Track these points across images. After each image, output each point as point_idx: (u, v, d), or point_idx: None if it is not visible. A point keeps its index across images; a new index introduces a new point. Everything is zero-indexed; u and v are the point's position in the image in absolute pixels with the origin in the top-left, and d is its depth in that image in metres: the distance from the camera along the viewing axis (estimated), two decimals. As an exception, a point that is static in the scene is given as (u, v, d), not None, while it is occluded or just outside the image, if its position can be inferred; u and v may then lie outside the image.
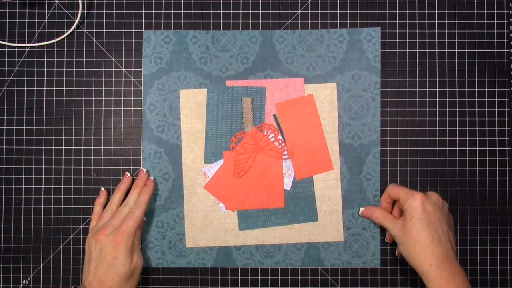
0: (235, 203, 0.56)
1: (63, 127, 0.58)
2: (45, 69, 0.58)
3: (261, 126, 0.56)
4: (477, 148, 0.57)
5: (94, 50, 0.58)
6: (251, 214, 0.56)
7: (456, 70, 0.58)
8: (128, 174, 0.56)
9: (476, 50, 0.58)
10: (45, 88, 0.58)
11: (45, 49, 0.58)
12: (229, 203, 0.56)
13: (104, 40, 0.58)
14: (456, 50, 0.58)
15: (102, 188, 0.56)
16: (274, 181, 0.56)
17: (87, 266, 0.51)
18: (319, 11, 0.58)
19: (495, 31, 0.58)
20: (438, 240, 0.48)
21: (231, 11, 0.58)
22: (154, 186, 0.55)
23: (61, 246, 0.57)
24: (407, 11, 0.58)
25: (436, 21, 0.58)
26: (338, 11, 0.58)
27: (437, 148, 0.57)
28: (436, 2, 0.58)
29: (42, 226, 0.57)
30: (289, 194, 0.56)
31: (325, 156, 0.56)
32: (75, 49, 0.58)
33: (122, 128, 0.58)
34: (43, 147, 0.57)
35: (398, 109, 0.58)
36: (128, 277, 0.50)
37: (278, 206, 0.56)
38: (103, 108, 0.58)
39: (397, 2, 0.58)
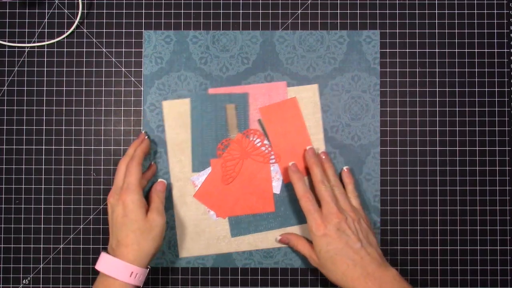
0: (225, 210, 0.56)
1: (63, 127, 0.58)
2: (45, 69, 0.58)
3: (247, 131, 0.56)
4: (477, 148, 0.58)
5: (94, 50, 0.58)
6: (243, 220, 0.56)
7: (456, 70, 0.58)
8: (143, 132, 0.56)
9: (476, 50, 0.58)
10: (45, 88, 0.58)
11: (45, 49, 0.58)
12: (219, 210, 0.56)
13: (104, 40, 0.58)
14: (456, 50, 0.58)
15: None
16: (263, 185, 0.56)
17: (109, 231, 0.51)
18: (319, 11, 0.58)
19: (495, 31, 0.58)
20: (352, 264, 0.48)
21: (231, 11, 0.58)
22: (149, 143, 0.55)
23: (61, 246, 0.57)
24: (407, 11, 0.58)
25: (436, 21, 0.58)
26: (338, 11, 0.58)
27: (437, 148, 0.58)
28: (436, 2, 0.58)
29: (42, 226, 0.57)
30: (279, 198, 0.56)
31: None
32: (75, 49, 0.58)
33: (122, 128, 0.58)
34: (43, 147, 0.57)
35: (398, 109, 0.58)
36: (145, 234, 0.49)
37: (269, 211, 0.56)
38: (103, 108, 0.58)
39: (397, 2, 0.58)
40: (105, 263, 0.49)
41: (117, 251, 0.49)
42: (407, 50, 0.58)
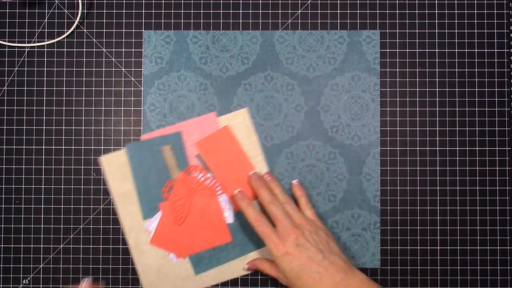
0: (184, 250, 0.56)
1: (63, 127, 0.58)
2: (45, 69, 0.58)
3: (188, 169, 0.56)
4: (477, 148, 0.58)
5: (94, 50, 0.58)
6: (203, 256, 0.56)
7: (456, 70, 0.58)
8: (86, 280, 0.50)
9: (476, 50, 0.58)
10: (45, 88, 0.58)
11: (45, 49, 0.58)
12: (178, 252, 0.56)
13: (104, 40, 0.58)
14: (456, 50, 0.58)
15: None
16: (215, 218, 0.56)
17: None
18: (319, 11, 0.58)
19: (495, 31, 0.58)
20: (319, 277, 0.47)
21: (231, 11, 0.58)
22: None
23: (61, 246, 0.57)
24: (407, 11, 0.58)
25: (436, 21, 0.58)
26: (338, 11, 0.58)
27: (437, 148, 0.58)
28: (436, 2, 0.58)
29: (42, 226, 0.57)
30: (234, 227, 0.56)
31: None
32: (75, 49, 0.58)
33: (122, 128, 0.58)
34: (43, 147, 0.57)
35: (398, 109, 0.58)
36: None
37: (226, 241, 0.56)
38: (103, 108, 0.58)
39: (397, 2, 0.58)
40: None
41: None
42: (407, 50, 0.58)
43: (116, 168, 0.56)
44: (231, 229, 0.56)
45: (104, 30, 0.58)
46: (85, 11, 0.58)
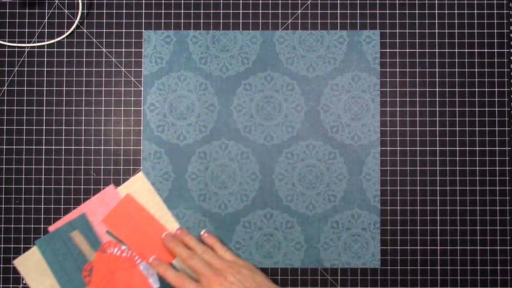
0: None
1: (63, 127, 0.58)
2: (45, 69, 0.58)
3: (102, 248, 0.56)
4: (477, 148, 0.58)
5: (94, 50, 0.58)
6: None
7: (456, 70, 0.58)
8: None
9: (476, 50, 0.58)
10: (45, 88, 0.58)
11: (45, 49, 0.58)
12: None
13: (104, 40, 0.58)
14: (456, 50, 0.58)
15: None
16: (142, 285, 0.55)
17: None
18: (319, 11, 0.58)
19: (495, 31, 0.58)
20: None
21: (231, 11, 0.58)
22: None
23: (61, 246, 0.57)
24: (407, 11, 0.58)
25: (436, 21, 0.58)
26: (338, 11, 0.58)
27: (437, 148, 0.58)
28: (436, 2, 0.58)
29: (42, 226, 0.57)
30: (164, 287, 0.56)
31: None
32: (75, 49, 0.58)
33: (122, 128, 0.58)
34: (43, 147, 0.57)
35: (398, 109, 0.58)
36: None
37: None
38: (103, 108, 0.58)
39: (397, 2, 0.58)
40: None
41: None
42: (407, 50, 0.58)
43: (33, 268, 0.56)
44: None
45: (104, 30, 0.58)
46: (85, 11, 0.58)
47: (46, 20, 0.58)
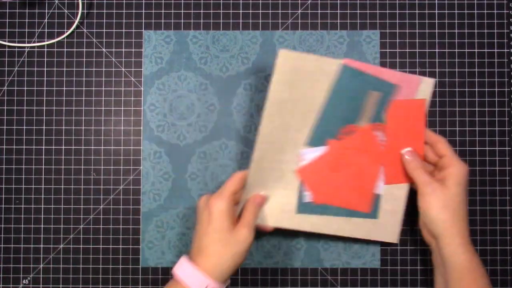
0: (322, 195, 0.52)
1: (63, 127, 0.58)
2: (45, 69, 0.58)
3: (377, 126, 0.52)
4: (477, 148, 0.57)
5: (94, 50, 0.58)
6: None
7: (456, 70, 0.58)
8: None
9: (476, 50, 0.58)
10: (45, 88, 0.58)
11: (45, 49, 0.58)
12: (316, 194, 0.52)
13: (104, 40, 0.58)
14: (456, 50, 0.58)
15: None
16: (367, 184, 0.53)
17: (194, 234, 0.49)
18: (319, 11, 0.58)
19: (495, 31, 0.58)
20: (467, 219, 0.49)
21: (231, 11, 0.58)
22: None
23: (61, 246, 0.57)
24: (407, 11, 0.58)
25: (436, 21, 0.58)
26: (338, 11, 0.58)
27: (437, 148, 0.57)
28: (436, 2, 0.58)
29: (42, 226, 0.57)
30: (376, 199, 0.54)
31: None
32: (75, 49, 0.58)
33: (122, 128, 0.58)
34: (43, 147, 0.57)
35: (398, 109, 0.58)
36: (228, 247, 0.46)
37: (363, 210, 0.53)
38: (103, 108, 0.58)
39: (397, 2, 0.58)
40: (182, 269, 0.46)
41: (197, 259, 0.46)
42: (407, 50, 0.58)
43: (291, 69, 0.49)
44: (373, 201, 0.53)
45: (104, 30, 0.58)
46: (85, 11, 0.58)
47: (46, 20, 0.58)
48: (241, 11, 0.58)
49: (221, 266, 0.46)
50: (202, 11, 0.58)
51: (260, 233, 0.48)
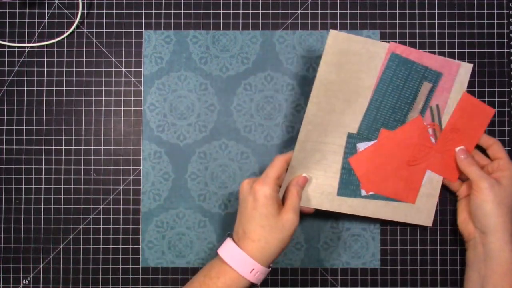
0: (371, 185, 0.53)
1: (63, 127, 0.58)
2: (45, 69, 0.58)
3: (431, 125, 0.52)
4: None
5: (94, 50, 0.58)
6: (353, 181, 0.53)
7: (456, 70, 0.58)
8: None
9: (476, 50, 0.58)
10: (45, 88, 0.58)
11: (45, 49, 0.58)
12: (366, 183, 0.53)
13: (104, 40, 0.58)
14: (456, 50, 0.58)
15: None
16: (416, 175, 0.53)
17: (236, 215, 0.49)
18: (319, 11, 0.58)
19: (495, 31, 0.58)
20: None
21: (231, 11, 0.58)
22: None
23: (61, 246, 0.57)
24: (407, 11, 0.58)
25: (436, 21, 0.58)
26: (338, 11, 0.58)
27: (437, 148, 0.57)
28: (436, 2, 0.58)
29: (42, 226, 0.57)
30: (422, 191, 0.54)
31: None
32: (75, 49, 0.58)
33: (122, 128, 0.58)
34: (43, 147, 0.57)
35: (398, 109, 0.58)
36: (275, 232, 0.46)
37: (409, 201, 0.54)
38: (103, 108, 0.58)
39: (397, 2, 0.58)
40: (228, 251, 0.46)
41: (243, 242, 0.46)
42: (407, 50, 0.58)
43: (339, 51, 0.50)
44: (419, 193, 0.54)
45: (104, 30, 0.58)
46: (85, 11, 0.58)
47: (46, 20, 0.58)
48: (241, 11, 0.58)
49: (268, 250, 0.46)
50: (202, 11, 0.58)
51: (301, 215, 0.48)
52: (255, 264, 0.45)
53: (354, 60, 0.51)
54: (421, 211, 0.54)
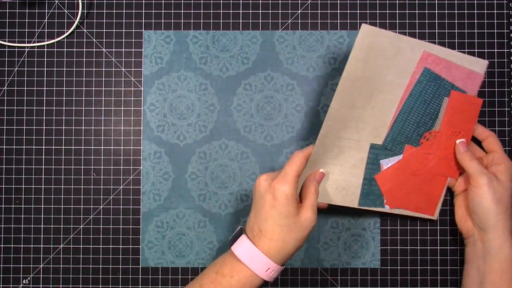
0: (394, 200, 0.52)
1: (63, 127, 0.58)
2: (45, 69, 0.58)
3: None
4: (477, 148, 0.57)
5: (94, 50, 0.58)
6: (374, 191, 0.52)
7: (456, 70, 0.58)
8: None
9: (476, 50, 0.58)
10: (45, 88, 0.58)
11: (45, 49, 0.58)
12: (391, 199, 0.52)
13: (104, 40, 0.58)
14: (456, 50, 0.58)
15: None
16: (437, 189, 0.53)
17: (251, 211, 0.48)
18: (319, 11, 0.58)
19: (495, 31, 0.58)
20: None
21: (231, 11, 0.58)
22: None
23: (61, 246, 0.57)
24: (407, 11, 0.58)
25: (436, 21, 0.58)
26: (338, 11, 0.58)
27: (437, 148, 0.57)
28: (436, 2, 0.58)
29: (42, 226, 0.57)
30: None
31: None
32: (75, 49, 0.58)
33: (122, 128, 0.58)
34: (43, 147, 0.57)
35: (398, 109, 0.58)
36: (294, 232, 0.45)
37: (429, 215, 0.54)
38: (103, 108, 0.58)
39: (397, 2, 0.58)
40: (244, 250, 0.45)
41: (259, 241, 0.45)
42: (407, 50, 0.58)
43: (368, 46, 0.49)
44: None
45: (104, 30, 0.58)
46: (85, 11, 0.58)
47: (46, 20, 0.58)
48: (241, 11, 0.58)
49: (285, 250, 0.45)
50: (202, 11, 0.58)
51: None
52: (270, 263, 0.45)
53: (381, 55, 0.49)
54: None
